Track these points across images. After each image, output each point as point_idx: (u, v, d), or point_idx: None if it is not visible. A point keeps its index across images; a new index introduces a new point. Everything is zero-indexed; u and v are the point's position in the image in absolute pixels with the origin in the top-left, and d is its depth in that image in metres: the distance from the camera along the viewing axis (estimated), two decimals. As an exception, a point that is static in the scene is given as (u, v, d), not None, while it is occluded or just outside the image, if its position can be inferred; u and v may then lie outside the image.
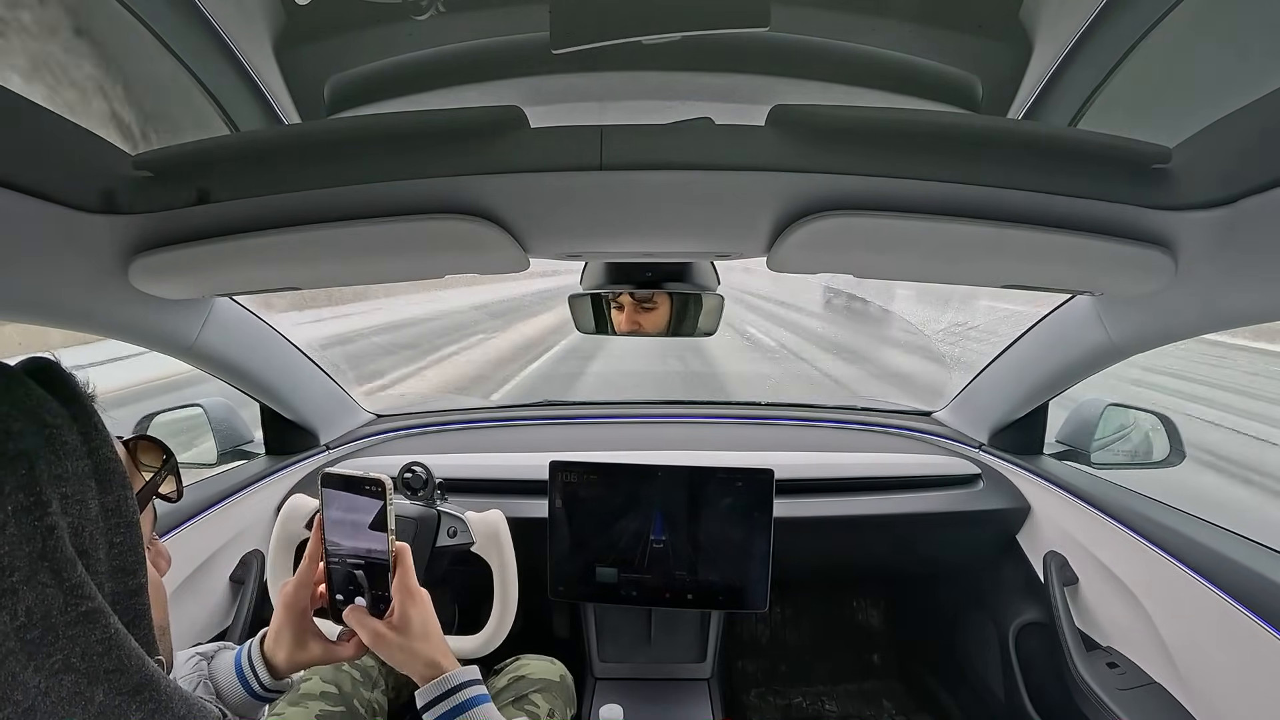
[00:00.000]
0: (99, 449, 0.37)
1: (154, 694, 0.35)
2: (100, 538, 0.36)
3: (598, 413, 1.63)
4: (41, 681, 0.31)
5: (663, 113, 0.70)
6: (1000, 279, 0.78)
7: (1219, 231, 0.62)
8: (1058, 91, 0.71)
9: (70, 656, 0.32)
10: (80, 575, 0.33)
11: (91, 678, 0.32)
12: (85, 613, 0.33)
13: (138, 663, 0.35)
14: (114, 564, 0.37)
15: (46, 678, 0.31)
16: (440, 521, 1.00)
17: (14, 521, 0.31)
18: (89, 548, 0.35)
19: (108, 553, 0.37)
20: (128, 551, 0.38)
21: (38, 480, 0.32)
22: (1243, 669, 0.84)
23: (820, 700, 1.70)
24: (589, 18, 0.52)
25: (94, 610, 0.33)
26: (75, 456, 0.35)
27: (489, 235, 0.66)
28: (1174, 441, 1.20)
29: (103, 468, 0.37)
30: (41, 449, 0.33)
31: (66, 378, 0.38)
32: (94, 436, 0.37)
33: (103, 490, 0.37)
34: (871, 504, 1.29)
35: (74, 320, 0.75)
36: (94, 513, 0.36)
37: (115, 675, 0.33)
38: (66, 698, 0.32)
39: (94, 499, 0.36)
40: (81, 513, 0.35)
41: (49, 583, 0.32)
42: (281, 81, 0.76)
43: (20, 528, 0.31)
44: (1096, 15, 0.63)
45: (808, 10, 0.70)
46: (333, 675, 1.00)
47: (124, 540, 0.38)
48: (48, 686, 0.31)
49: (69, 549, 0.33)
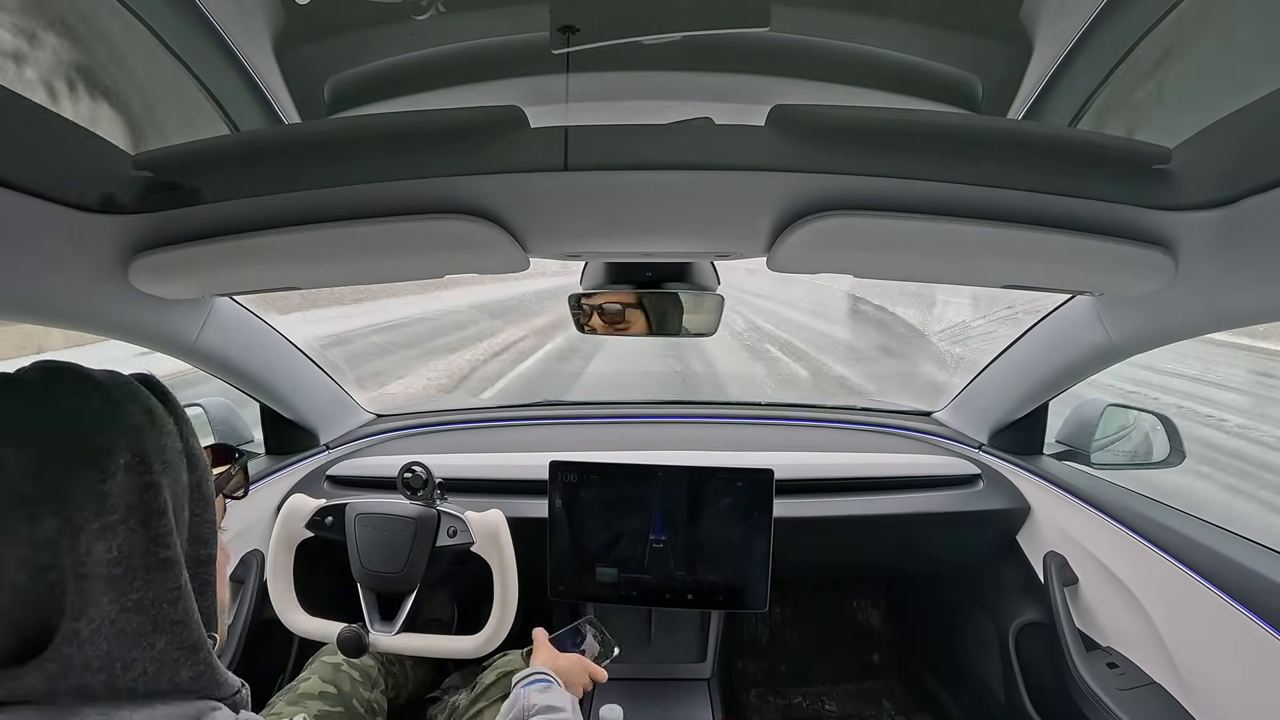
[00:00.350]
0: (189, 438, 0.45)
1: (205, 656, 0.41)
2: (185, 505, 0.43)
3: (598, 413, 1.63)
4: (114, 611, 0.37)
5: (663, 113, 0.70)
6: (1000, 279, 0.78)
7: (1219, 231, 0.62)
8: (1058, 91, 0.71)
9: (143, 598, 0.38)
10: (167, 525, 0.40)
11: (157, 624, 0.38)
12: (163, 560, 0.39)
13: (197, 624, 0.41)
14: (193, 532, 0.44)
15: (119, 610, 0.37)
16: (440, 521, 1.00)
17: (124, 472, 0.38)
18: (177, 508, 0.42)
19: (189, 521, 0.44)
20: (204, 523, 0.45)
21: (145, 447, 0.40)
22: (1243, 669, 0.84)
23: (820, 700, 1.69)
24: (589, 18, 0.52)
25: (171, 559, 0.39)
26: (171, 438, 0.43)
27: (489, 235, 0.66)
28: (1174, 441, 1.20)
29: (193, 452, 0.45)
30: (148, 426, 0.41)
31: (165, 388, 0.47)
32: (185, 429, 0.45)
33: (191, 469, 0.44)
34: (871, 504, 1.29)
35: (74, 320, 0.75)
36: (184, 484, 0.43)
37: (178, 628, 0.39)
38: (132, 635, 0.37)
39: (184, 474, 0.43)
40: (175, 479, 0.42)
41: (136, 528, 0.38)
42: (281, 81, 0.76)
43: (129, 478, 0.38)
44: (1096, 15, 0.63)
45: (808, 10, 0.70)
46: (332, 675, 1.00)
47: (203, 513, 0.45)
48: (116, 616, 0.37)
49: (163, 502, 0.40)
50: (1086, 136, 0.62)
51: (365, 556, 0.98)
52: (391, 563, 0.98)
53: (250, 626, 1.13)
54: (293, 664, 1.28)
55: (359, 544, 0.99)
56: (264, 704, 0.95)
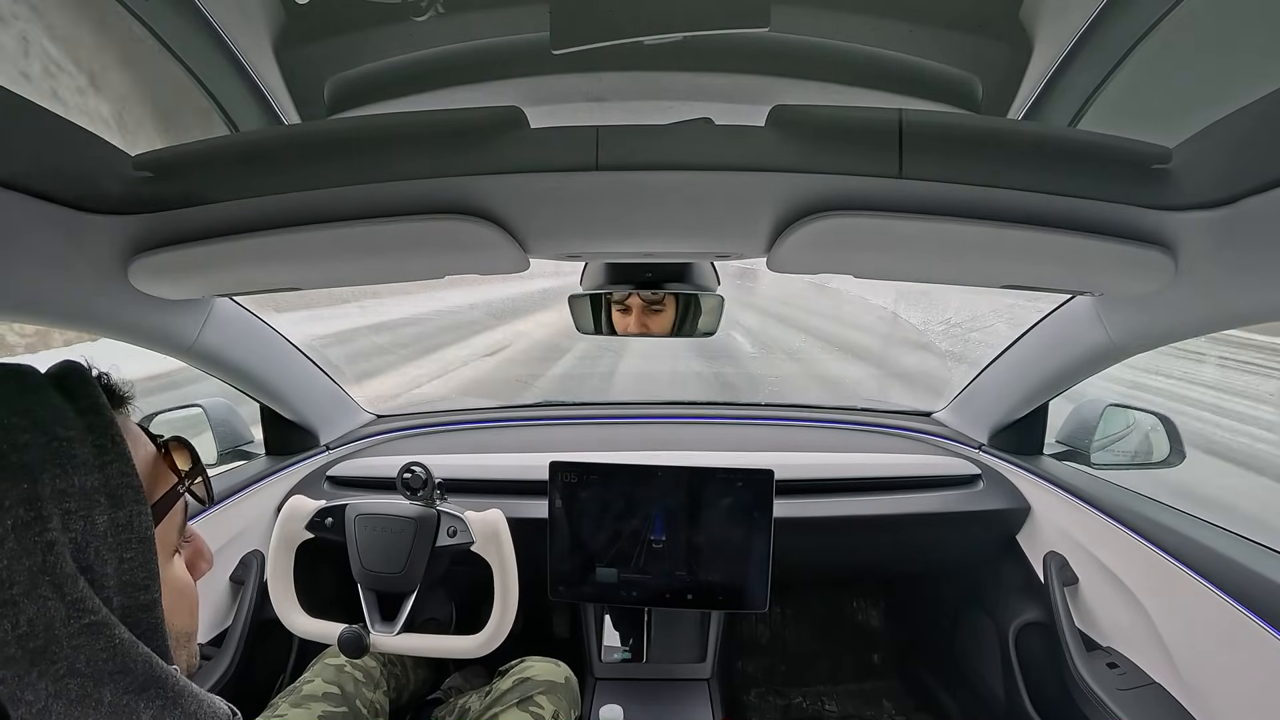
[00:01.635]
0: (111, 464, 0.37)
1: (162, 690, 0.35)
2: (108, 553, 0.36)
3: (598, 413, 1.63)
4: (49, 685, 0.32)
5: (663, 113, 0.70)
6: (1000, 279, 0.78)
7: (1219, 231, 0.61)
8: (1058, 91, 0.71)
9: (75, 663, 0.32)
10: (82, 590, 0.33)
11: (97, 680, 0.33)
12: (88, 625, 0.33)
13: (144, 663, 0.35)
14: (124, 579, 0.37)
15: (53, 681, 0.32)
16: (440, 521, 1.00)
17: (13, 536, 0.31)
18: (94, 563, 0.35)
19: (116, 568, 0.36)
20: (138, 567, 0.37)
21: (40, 495, 0.33)
22: (1243, 669, 0.83)
23: (820, 700, 1.70)
24: (589, 18, 0.52)
25: (98, 623, 0.33)
26: (84, 471, 0.35)
27: (489, 235, 0.66)
28: (1174, 441, 1.20)
29: (114, 483, 0.36)
30: (47, 463, 0.34)
31: (89, 386, 0.38)
32: (107, 451, 0.37)
33: (113, 505, 0.36)
34: (872, 504, 1.29)
35: (74, 320, 0.75)
36: (102, 528, 0.35)
37: (121, 676, 0.34)
38: (75, 699, 0.32)
39: (103, 514, 0.36)
40: (87, 529, 0.35)
41: (50, 596, 0.32)
42: (281, 81, 0.76)
43: (20, 542, 0.31)
44: (1096, 15, 0.63)
45: (808, 10, 0.70)
46: (335, 676, 1.00)
47: (135, 556, 0.37)
48: (56, 690, 0.32)
49: (69, 564, 0.33)
50: (1086, 136, 0.62)
51: (365, 557, 0.98)
52: (392, 563, 0.98)
53: (250, 626, 1.13)
54: (293, 664, 1.28)
55: (359, 545, 0.99)
56: (265, 704, 0.95)
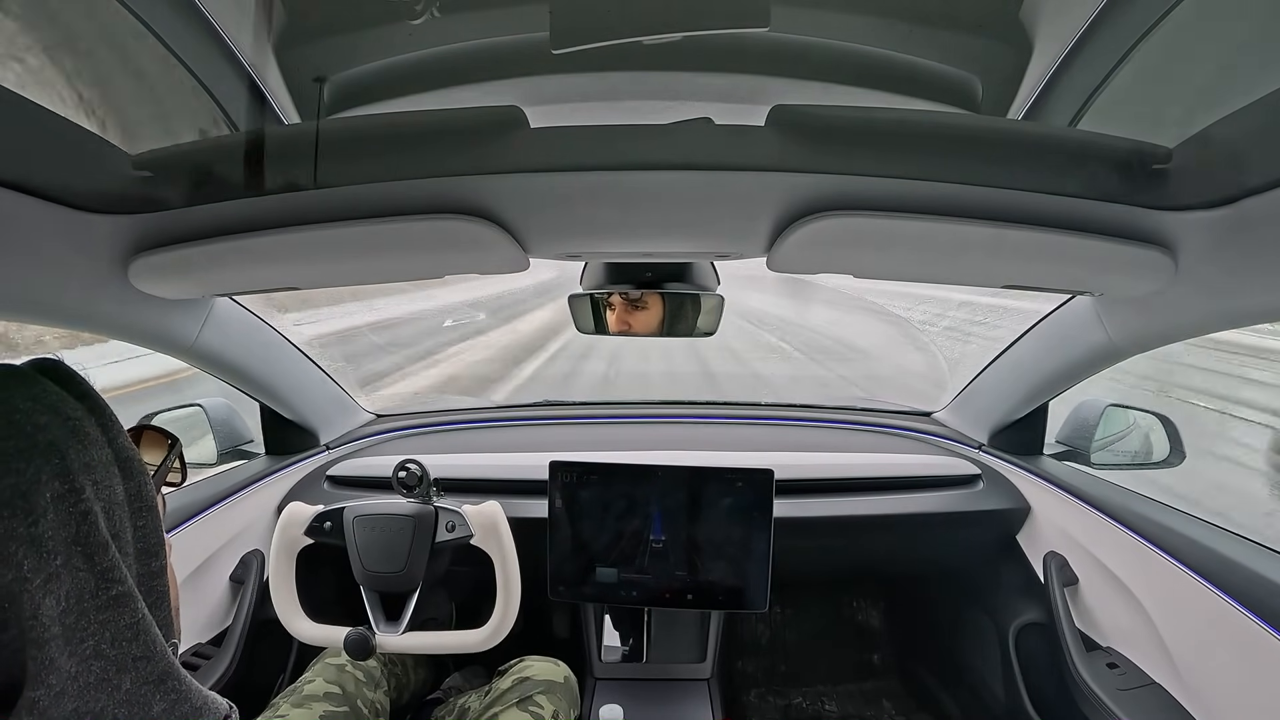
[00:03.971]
0: (117, 438, 0.38)
1: (175, 684, 0.36)
2: (127, 521, 0.38)
3: (597, 413, 1.63)
4: (74, 667, 0.32)
5: (662, 113, 0.70)
6: (1000, 279, 0.78)
7: (1219, 232, 0.62)
8: (1058, 91, 0.71)
9: (100, 643, 0.33)
10: (113, 558, 0.34)
11: (120, 665, 0.34)
12: (115, 596, 0.34)
13: (161, 651, 0.36)
14: (139, 546, 0.39)
15: (79, 663, 0.32)
16: (438, 517, 1.00)
17: (53, 508, 0.32)
18: (119, 530, 0.37)
19: (133, 535, 0.38)
20: (150, 534, 0.39)
21: (70, 468, 0.34)
22: (1243, 669, 0.83)
23: (820, 700, 1.70)
24: (589, 18, 0.52)
25: (124, 594, 0.34)
26: (98, 446, 0.36)
27: (489, 235, 0.66)
28: (1174, 442, 1.20)
29: (123, 455, 0.38)
30: (69, 439, 0.35)
31: (75, 375, 0.39)
32: (111, 427, 0.38)
33: (125, 477, 0.38)
34: (871, 504, 1.29)
35: (74, 320, 0.75)
36: (120, 498, 0.37)
37: (142, 663, 0.35)
38: (94, 683, 0.33)
39: (119, 485, 0.37)
40: (110, 498, 0.36)
41: (81, 567, 0.33)
42: (281, 81, 0.76)
43: (58, 513, 0.32)
44: (1096, 15, 0.63)
45: (808, 10, 0.69)
46: (336, 676, 1.00)
47: (146, 523, 0.39)
48: (78, 671, 0.32)
49: (103, 532, 0.34)
50: (1086, 137, 0.62)
51: (366, 558, 0.98)
52: (392, 562, 0.98)
53: (250, 626, 1.13)
54: (293, 664, 1.28)
55: (359, 546, 0.99)
56: (266, 704, 0.95)
